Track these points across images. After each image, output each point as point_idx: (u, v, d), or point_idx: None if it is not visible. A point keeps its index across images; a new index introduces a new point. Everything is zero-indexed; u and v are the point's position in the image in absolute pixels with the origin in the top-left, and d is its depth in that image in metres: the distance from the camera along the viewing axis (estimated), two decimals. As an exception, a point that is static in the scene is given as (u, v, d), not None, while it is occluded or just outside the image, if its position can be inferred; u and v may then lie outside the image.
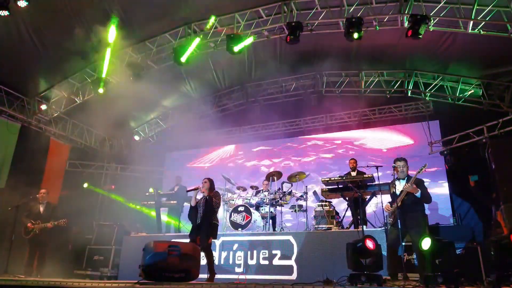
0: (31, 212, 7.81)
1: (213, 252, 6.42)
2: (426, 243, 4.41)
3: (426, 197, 5.38)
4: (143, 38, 9.90)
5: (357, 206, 7.51)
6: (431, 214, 9.86)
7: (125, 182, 12.65)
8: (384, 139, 11.39)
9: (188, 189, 6.43)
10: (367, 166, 7.55)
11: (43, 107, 10.62)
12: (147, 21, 9.25)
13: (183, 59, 9.09)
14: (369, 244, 4.60)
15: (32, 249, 7.71)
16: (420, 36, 7.62)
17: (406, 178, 5.55)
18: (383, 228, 5.98)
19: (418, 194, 5.29)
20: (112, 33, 8.62)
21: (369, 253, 4.58)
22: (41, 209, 7.91)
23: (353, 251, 4.67)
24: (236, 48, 8.80)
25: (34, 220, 7.69)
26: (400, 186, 5.53)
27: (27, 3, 7.48)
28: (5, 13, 7.33)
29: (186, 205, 9.84)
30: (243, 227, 7.41)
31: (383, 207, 5.68)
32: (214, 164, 13.39)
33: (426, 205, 5.54)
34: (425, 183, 5.52)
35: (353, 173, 8.21)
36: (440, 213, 10.04)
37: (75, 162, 12.47)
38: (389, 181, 6.02)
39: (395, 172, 5.66)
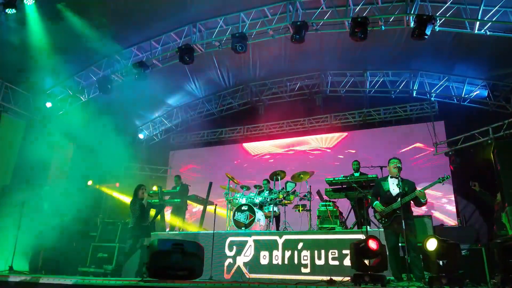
0: (36, 209, 7.86)
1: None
2: (432, 244, 4.38)
3: (426, 201, 5.35)
4: (148, 37, 9.93)
5: (361, 206, 7.49)
6: (435, 215, 9.84)
7: (129, 181, 12.68)
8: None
9: None
10: (371, 166, 7.54)
11: (48, 104, 10.67)
12: (152, 20, 9.27)
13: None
14: (372, 244, 4.58)
15: (37, 246, 7.76)
16: (426, 37, 7.59)
17: (398, 177, 5.40)
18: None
19: (424, 199, 5.22)
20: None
21: (373, 253, 4.56)
22: (46, 206, 7.97)
23: (356, 251, 4.65)
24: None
25: (39, 217, 7.74)
26: (394, 185, 5.37)
27: (33, 0, 7.53)
28: (13, 11, 7.39)
29: (190, 204, 9.88)
30: (246, 226, 7.43)
31: (374, 207, 5.52)
32: (218, 163, 13.39)
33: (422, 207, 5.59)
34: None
35: (357, 174, 8.20)
36: (444, 214, 10.01)
37: (80, 159, 12.49)
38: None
39: (397, 171, 5.48)
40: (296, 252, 6.50)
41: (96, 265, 8.13)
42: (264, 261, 6.65)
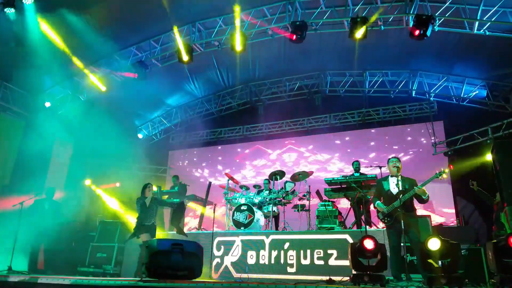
0: (36, 208, 7.85)
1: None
2: (434, 244, 4.35)
3: (428, 197, 5.33)
4: (147, 36, 9.92)
5: (360, 206, 7.49)
6: (435, 215, 9.85)
7: (128, 181, 12.66)
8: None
9: None
10: (370, 166, 7.55)
11: (47, 104, 10.64)
12: (151, 20, 9.26)
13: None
14: (368, 244, 4.55)
15: (36, 246, 7.74)
16: (425, 37, 7.60)
17: (398, 176, 5.40)
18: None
19: (425, 196, 5.21)
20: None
21: (370, 253, 4.53)
22: (46, 205, 7.96)
23: (353, 251, 4.65)
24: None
25: (39, 217, 7.72)
26: (394, 184, 5.38)
27: (33, 0, 7.53)
28: (12, 10, 7.38)
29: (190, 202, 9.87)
30: (245, 226, 7.44)
31: (377, 207, 5.51)
32: (218, 163, 13.41)
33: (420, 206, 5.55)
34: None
35: (357, 174, 8.20)
36: (443, 214, 10.02)
37: (79, 159, 12.47)
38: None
39: (396, 170, 5.47)
40: (282, 252, 6.56)
41: (95, 265, 8.12)
42: (251, 260, 6.72)
